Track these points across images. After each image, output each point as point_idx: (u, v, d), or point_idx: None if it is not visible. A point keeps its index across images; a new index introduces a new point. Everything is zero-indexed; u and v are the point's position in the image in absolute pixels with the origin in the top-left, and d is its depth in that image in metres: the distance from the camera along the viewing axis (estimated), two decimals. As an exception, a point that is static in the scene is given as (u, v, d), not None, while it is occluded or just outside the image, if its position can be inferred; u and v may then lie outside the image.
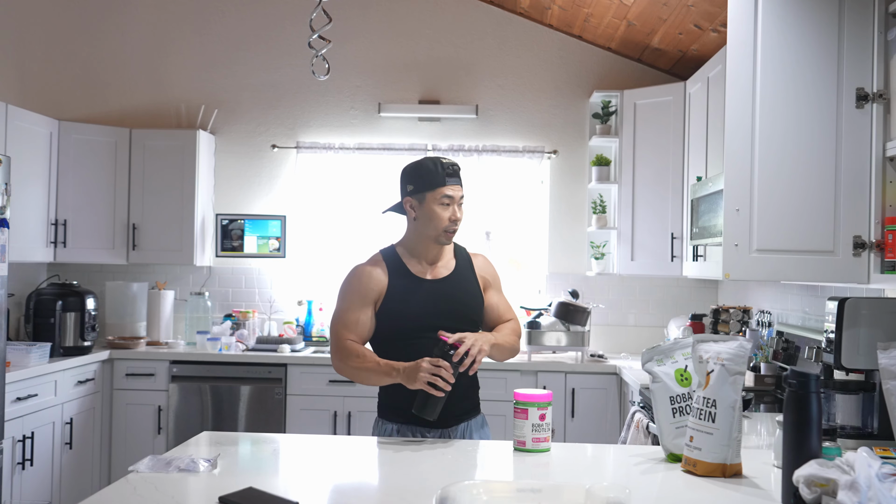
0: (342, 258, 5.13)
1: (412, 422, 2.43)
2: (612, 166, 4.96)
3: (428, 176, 2.46)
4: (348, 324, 2.46)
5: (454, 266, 2.56)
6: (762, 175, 2.53)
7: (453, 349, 2.30)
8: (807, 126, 2.51)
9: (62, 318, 4.42)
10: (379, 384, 2.47)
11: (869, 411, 2.49)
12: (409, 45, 5.19)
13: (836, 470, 1.59)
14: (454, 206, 2.47)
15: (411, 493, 1.84)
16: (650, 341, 4.86)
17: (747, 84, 2.53)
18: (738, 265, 2.55)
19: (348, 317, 2.46)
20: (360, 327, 2.46)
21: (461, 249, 2.63)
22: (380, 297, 2.47)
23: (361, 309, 2.46)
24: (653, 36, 4.61)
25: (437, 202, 2.45)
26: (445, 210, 2.46)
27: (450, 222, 2.46)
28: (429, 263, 2.53)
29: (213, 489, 1.83)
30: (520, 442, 2.23)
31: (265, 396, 4.53)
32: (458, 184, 2.48)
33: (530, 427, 2.21)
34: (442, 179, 2.45)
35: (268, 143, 5.20)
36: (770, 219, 2.53)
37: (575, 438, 4.39)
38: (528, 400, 2.22)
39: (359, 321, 2.46)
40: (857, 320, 2.40)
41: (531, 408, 2.21)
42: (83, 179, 4.74)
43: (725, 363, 1.98)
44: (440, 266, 2.54)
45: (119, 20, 5.23)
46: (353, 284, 2.50)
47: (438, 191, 2.45)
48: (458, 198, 2.48)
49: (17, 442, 3.83)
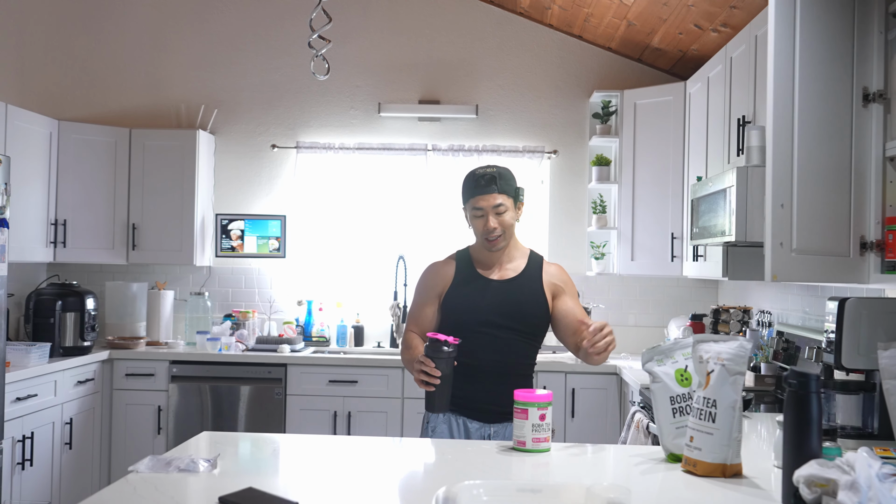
0: (342, 258, 5.14)
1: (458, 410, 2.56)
2: (612, 166, 4.96)
3: (464, 190, 2.61)
4: (413, 316, 2.66)
5: (522, 270, 2.63)
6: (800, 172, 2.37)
7: (445, 345, 2.35)
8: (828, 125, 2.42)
9: (62, 318, 4.42)
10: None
11: (869, 411, 2.49)
12: (409, 45, 5.19)
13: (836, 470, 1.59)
14: (487, 216, 2.55)
15: (411, 493, 1.84)
16: (650, 341, 4.86)
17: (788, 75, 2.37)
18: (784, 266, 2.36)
19: (414, 309, 2.67)
20: (423, 320, 2.63)
21: (536, 257, 2.70)
22: (444, 291, 2.63)
23: (427, 302, 2.64)
24: (653, 36, 4.61)
25: (472, 215, 2.60)
26: (479, 221, 2.58)
27: (485, 231, 2.56)
28: (495, 266, 2.64)
29: (212, 489, 1.83)
30: (520, 442, 2.23)
31: (265, 396, 4.53)
32: (490, 192, 2.54)
33: (530, 427, 2.21)
34: (471, 192, 2.58)
35: (268, 143, 5.20)
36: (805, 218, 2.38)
37: (575, 438, 4.38)
38: (528, 400, 2.22)
39: (423, 314, 2.64)
40: (858, 320, 2.39)
41: (531, 408, 2.21)
42: (83, 179, 4.74)
43: (726, 363, 1.98)
44: (508, 268, 2.64)
45: (119, 20, 5.23)
46: (422, 278, 2.70)
47: (470, 204, 2.59)
48: (491, 207, 2.55)
49: (17, 442, 3.83)
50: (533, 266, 2.65)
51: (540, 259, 2.69)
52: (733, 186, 3.09)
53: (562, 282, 2.65)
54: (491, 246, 2.59)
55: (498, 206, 2.55)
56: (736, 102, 3.56)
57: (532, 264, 2.66)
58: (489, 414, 2.56)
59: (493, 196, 2.54)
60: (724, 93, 3.72)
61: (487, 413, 2.56)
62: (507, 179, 2.58)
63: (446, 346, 2.35)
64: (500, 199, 2.55)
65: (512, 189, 2.59)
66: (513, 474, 2.10)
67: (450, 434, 2.59)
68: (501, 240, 2.58)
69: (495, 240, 2.57)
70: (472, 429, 2.58)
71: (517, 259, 2.65)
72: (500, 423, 2.58)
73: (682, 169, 4.45)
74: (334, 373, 4.51)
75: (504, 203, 2.56)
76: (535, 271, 2.64)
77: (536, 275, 2.63)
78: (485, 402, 2.54)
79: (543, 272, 2.65)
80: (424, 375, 2.35)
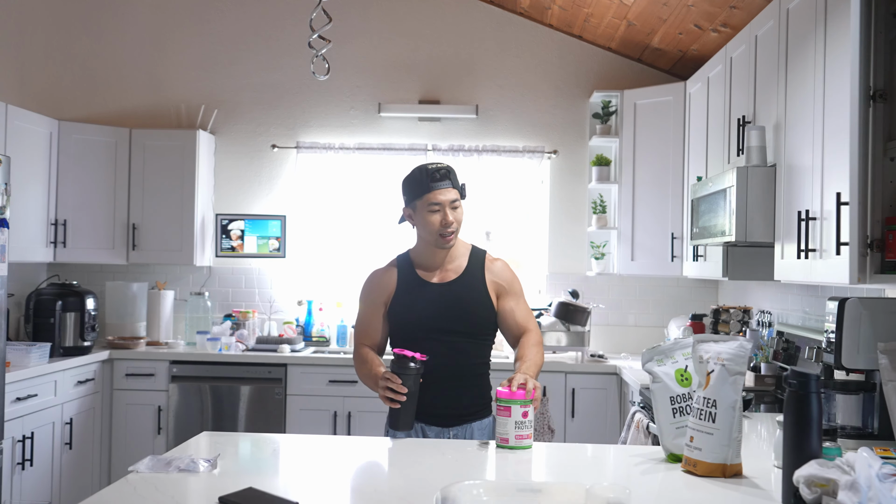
0: (342, 258, 5.14)
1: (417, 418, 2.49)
2: (612, 166, 4.96)
3: (416, 186, 2.51)
4: (361, 329, 2.60)
5: (464, 270, 2.58)
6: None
7: (413, 361, 2.34)
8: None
9: (62, 318, 4.42)
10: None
11: (869, 411, 2.49)
12: (409, 45, 5.19)
13: (836, 470, 1.59)
14: (444, 210, 2.49)
15: (411, 493, 1.84)
16: (650, 341, 4.86)
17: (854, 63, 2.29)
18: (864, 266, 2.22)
19: (362, 322, 2.61)
20: (373, 331, 2.58)
21: (479, 253, 2.64)
22: (388, 300, 2.57)
23: (372, 313, 2.59)
24: (653, 36, 4.61)
25: (427, 210, 2.50)
26: (435, 216, 2.50)
27: (441, 226, 2.49)
28: (437, 267, 2.58)
29: (213, 489, 1.83)
30: (503, 439, 2.26)
31: (265, 396, 4.53)
32: (446, 187, 2.49)
33: (513, 424, 2.24)
34: (427, 187, 2.49)
35: (268, 143, 5.20)
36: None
37: (575, 438, 4.38)
38: (510, 398, 2.25)
39: (370, 325, 2.59)
40: (858, 320, 2.39)
41: (514, 405, 2.24)
42: (83, 179, 4.74)
43: (726, 363, 1.98)
44: (449, 269, 2.58)
45: (119, 20, 5.23)
46: (365, 290, 2.64)
47: (425, 198, 2.49)
48: (449, 201, 2.50)
49: (17, 442, 3.83)
50: (475, 264, 2.60)
51: (482, 255, 2.64)
52: (733, 186, 3.09)
53: (505, 281, 2.61)
54: (445, 242, 2.52)
55: (454, 200, 2.51)
56: (736, 102, 3.56)
57: (474, 262, 2.60)
58: (447, 418, 2.52)
59: (449, 190, 2.50)
60: (724, 93, 3.72)
61: (445, 417, 2.52)
62: (455, 175, 2.55)
63: (413, 363, 2.34)
64: (456, 195, 2.52)
65: (460, 186, 2.57)
66: (513, 474, 2.10)
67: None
68: (454, 237, 2.54)
69: (450, 236, 2.51)
70: (432, 434, 2.53)
71: (458, 258, 2.59)
72: (460, 426, 2.54)
73: (682, 169, 4.45)
74: (334, 373, 4.51)
75: (458, 199, 2.53)
76: (477, 269, 2.59)
77: (479, 273, 2.59)
78: (441, 406, 2.50)
79: (486, 270, 2.60)
80: (391, 392, 2.33)
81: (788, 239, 2.88)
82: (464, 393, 2.45)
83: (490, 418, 2.61)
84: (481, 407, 2.60)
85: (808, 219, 2.67)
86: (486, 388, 2.63)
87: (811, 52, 2.73)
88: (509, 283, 2.62)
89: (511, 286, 2.62)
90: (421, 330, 2.49)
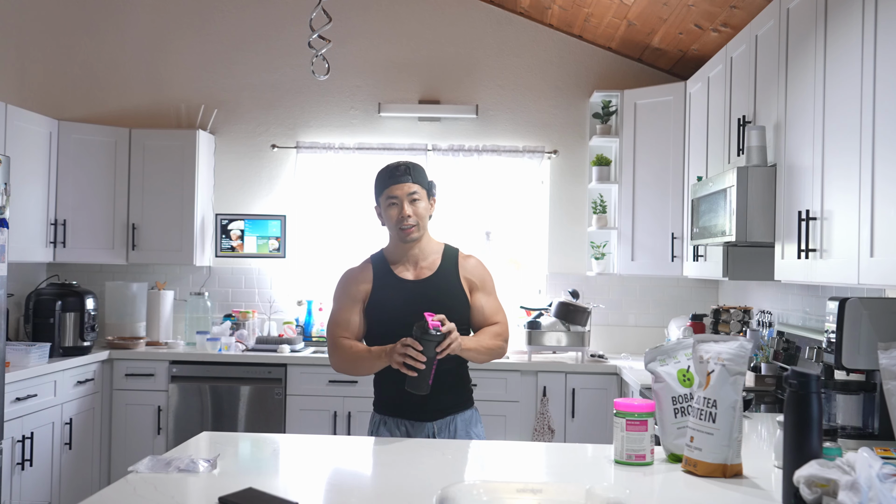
0: (342, 258, 5.13)
1: (397, 414, 2.56)
2: (613, 166, 4.95)
3: (378, 183, 2.61)
4: (341, 323, 2.60)
5: (438, 267, 2.62)
6: None
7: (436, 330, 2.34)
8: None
9: (62, 318, 4.42)
10: (372, 371, 2.57)
11: (870, 411, 2.48)
12: (409, 45, 5.18)
13: (836, 470, 1.58)
14: (402, 203, 2.55)
15: (411, 493, 1.84)
16: (650, 341, 4.86)
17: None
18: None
19: (340, 317, 2.62)
20: (352, 326, 2.60)
21: (451, 251, 2.68)
22: (366, 298, 2.61)
23: (351, 309, 2.61)
24: (653, 36, 4.61)
25: (387, 205, 2.58)
26: (393, 210, 2.56)
27: (399, 219, 2.55)
28: (410, 264, 2.63)
29: (212, 489, 1.83)
30: (639, 457, 2.08)
31: (265, 396, 4.53)
32: (404, 182, 2.55)
33: (649, 438, 2.09)
34: (385, 183, 2.58)
35: (268, 143, 5.19)
36: None
37: (575, 438, 4.38)
38: (645, 410, 2.08)
39: (350, 321, 2.60)
40: (858, 320, 2.39)
41: (650, 419, 2.09)
42: (83, 179, 4.73)
43: (726, 363, 1.98)
44: (424, 267, 2.63)
45: (119, 20, 5.23)
46: (341, 286, 2.67)
47: (384, 194, 2.58)
48: (406, 195, 2.55)
49: (17, 442, 3.83)
50: (448, 261, 2.64)
51: (455, 252, 2.68)
52: (733, 186, 3.09)
53: (477, 278, 2.65)
54: (405, 236, 2.56)
55: (412, 193, 2.55)
56: (736, 102, 3.56)
57: (447, 259, 2.64)
58: (427, 412, 2.55)
59: (407, 185, 2.55)
60: (725, 93, 3.72)
61: (426, 412, 2.54)
62: (420, 172, 2.61)
63: (436, 331, 2.34)
64: (415, 188, 2.56)
65: (425, 181, 2.61)
66: (512, 474, 2.10)
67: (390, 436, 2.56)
68: (416, 230, 2.56)
69: (409, 229, 2.55)
70: (415, 429, 2.56)
71: (431, 256, 2.64)
72: (442, 419, 2.57)
73: (683, 169, 4.45)
74: (334, 373, 4.48)
75: (418, 192, 2.56)
76: (451, 266, 2.63)
77: (453, 270, 2.63)
78: (420, 400, 2.48)
79: (460, 267, 2.64)
80: (409, 359, 2.33)
81: (789, 239, 2.88)
82: (443, 387, 2.47)
83: (472, 410, 2.66)
84: (464, 399, 2.64)
85: (808, 219, 2.67)
86: (466, 381, 2.68)
87: (811, 52, 2.73)
88: (481, 279, 2.66)
89: (483, 283, 2.66)
90: (397, 326, 2.48)
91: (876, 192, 2.26)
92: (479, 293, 2.64)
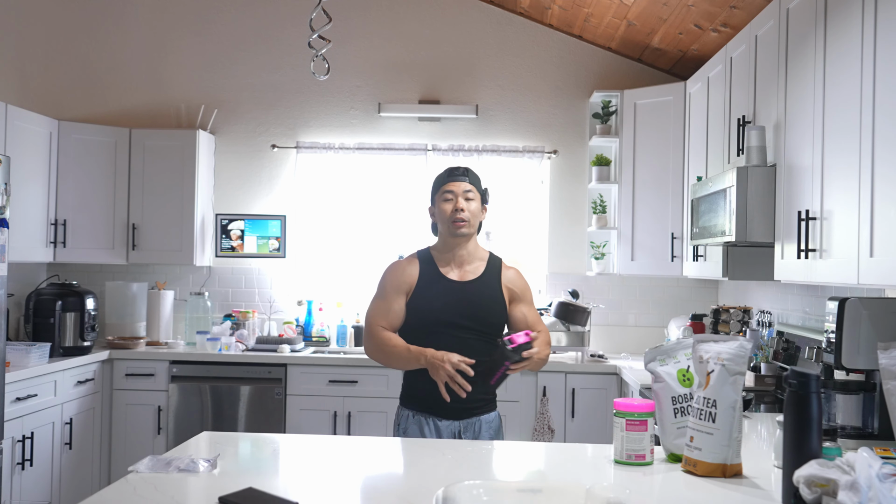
0: (342, 258, 5.14)
1: (427, 410, 2.63)
2: (612, 166, 4.95)
3: (435, 183, 2.77)
4: (381, 311, 2.68)
5: (482, 272, 2.73)
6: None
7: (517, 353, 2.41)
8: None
9: (62, 318, 4.42)
10: (405, 368, 2.66)
11: (869, 411, 2.48)
12: (409, 45, 5.19)
13: (836, 470, 1.59)
14: (457, 199, 2.67)
15: (411, 493, 1.84)
16: (650, 341, 4.87)
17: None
18: None
19: (382, 305, 2.70)
20: (392, 316, 2.67)
21: (496, 259, 2.80)
22: (410, 290, 2.69)
23: (395, 299, 2.68)
24: (653, 36, 4.61)
25: (442, 199, 2.71)
26: (448, 205, 2.68)
27: (452, 212, 2.66)
28: (456, 265, 2.73)
29: (212, 489, 1.83)
30: (638, 456, 2.08)
31: (265, 396, 4.53)
32: (462, 180, 2.70)
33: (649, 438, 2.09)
34: (443, 180, 2.73)
35: (268, 143, 5.19)
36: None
37: (575, 438, 4.38)
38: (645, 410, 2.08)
39: (391, 310, 2.67)
40: (858, 320, 2.39)
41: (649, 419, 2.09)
42: (83, 179, 4.73)
43: (726, 363, 1.98)
44: (468, 270, 2.73)
45: (119, 20, 5.23)
46: (388, 276, 2.75)
47: (440, 190, 2.72)
48: (462, 191, 2.69)
49: (17, 442, 3.83)
50: (492, 269, 2.75)
51: (499, 262, 2.79)
52: (733, 186, 3.09)
53: (518, 288, 2.76)
54: (455, 229, 2.67)
55: (468, 191, 2.69)
56: (736, 102, 3.56)
57: (491, 267, 2.76)
58: (456, 411, 2.62)
59: (464, 184, 2.70)
60: (725, 93, 3.72)
61: (455, 410, 2.61)
62: (477, 177, 2.76)
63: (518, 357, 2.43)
64: (471, 188, 2.70)
65: (480, 186, 2.76)
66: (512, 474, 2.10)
67: (420, 434, 2.63)
68: (466, 226, 2.67)
69: (461, 223, 2.66)
70: (443, 426, 2.63)
71: (477, 261, 2.75)
72: (469, 419, 2.65)
73: (682, 169, 4.45)
74: (334, 373, 4.51)
75: (473, 192, 2.70)
76: (494, 274, 2.74)
77: (496, 277, 2.74)
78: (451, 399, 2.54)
79: (502, 276, 2.75)
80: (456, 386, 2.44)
81: (788, 239, 2.88)
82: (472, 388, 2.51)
83: (495, 413, 2.73)
84: (488, 402, 2.71)
85: (808, 219, 2.67)
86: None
87: (811, 52, 2.73)
88: (522, 290, 2.78)
89: (524, 294, 2.78)
90: (436, 323, 2.61)
91: (876, 192, 2.26)
92: (521, 303, 2.75)
